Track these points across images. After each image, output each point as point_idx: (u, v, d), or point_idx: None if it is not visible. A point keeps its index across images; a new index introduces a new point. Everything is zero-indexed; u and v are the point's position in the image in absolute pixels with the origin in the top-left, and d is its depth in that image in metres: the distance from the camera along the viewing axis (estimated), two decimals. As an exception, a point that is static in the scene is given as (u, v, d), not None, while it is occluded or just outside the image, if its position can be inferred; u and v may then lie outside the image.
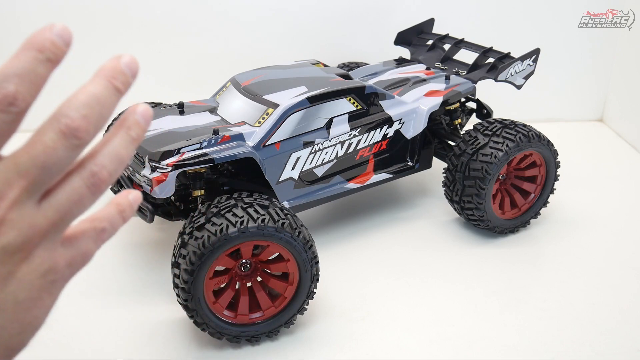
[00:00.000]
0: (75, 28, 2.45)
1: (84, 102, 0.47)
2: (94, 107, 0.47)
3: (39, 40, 0.47)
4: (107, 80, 0.48)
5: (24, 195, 0.46)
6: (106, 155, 0.50)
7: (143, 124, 0.51)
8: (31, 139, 0.47)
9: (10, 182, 0.46)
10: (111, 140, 0.50)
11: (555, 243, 1.97)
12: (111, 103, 0.48)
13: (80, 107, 0.47)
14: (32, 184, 0.46)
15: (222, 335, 1.47)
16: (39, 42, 0.47)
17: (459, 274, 1.80)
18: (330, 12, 2.67)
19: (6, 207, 0.46)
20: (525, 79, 2.17)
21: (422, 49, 2.41)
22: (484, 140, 1.84)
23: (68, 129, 0.46)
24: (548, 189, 1.98)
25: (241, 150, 1.62)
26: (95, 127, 0.47)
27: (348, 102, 1.82)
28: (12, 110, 0.46)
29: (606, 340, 1.54)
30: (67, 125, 0.46)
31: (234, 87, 1.87)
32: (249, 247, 1.42)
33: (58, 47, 0.48)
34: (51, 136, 0.46)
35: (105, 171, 0.49)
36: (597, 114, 3.02)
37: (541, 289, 1.75)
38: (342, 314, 1.62)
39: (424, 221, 2.07)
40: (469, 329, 1.57)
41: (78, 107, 0.47)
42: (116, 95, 0.49)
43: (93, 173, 0.49)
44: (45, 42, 0.47)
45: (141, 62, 1.81)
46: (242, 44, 2.68)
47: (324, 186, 1.84)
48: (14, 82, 0.46)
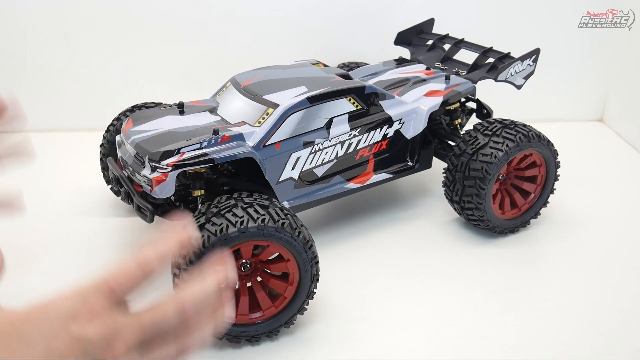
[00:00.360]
0: (75, 28, 2.45)
1: (200, 296, 0.61)
2: (204, 302, 0.62)
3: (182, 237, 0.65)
4: (217, 280, 0.63)
5: (135, 342, 0.57)
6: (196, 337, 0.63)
7: (227, 321, 0.66)
8: (155, 304, 0.61)
9: (131, 328, 0.57)
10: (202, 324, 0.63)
11: (555, 243, 1.97)
12: (214, 300, 0.63)
13: (196, 299, 0.61)
14: (144, 336, 0.58)
15: (222, 335, 1.47)
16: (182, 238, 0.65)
17: (459, 274, 1.80)
18: (330, 12, 2.67)
19: (123, 347, 0.57)
20: (525, 79, 2.17)
21: (422, 49, 2.41)
22: (484, 140, 1.84)
23: (183, 309, 0.60)
24: (548, 189, 1.98)
25: (241, 150, 1.62)
26: (200, 315, 0.62)
27: (348, 102, 1.82)
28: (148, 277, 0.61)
29: (606, 340, 1.54)
30: (184, 309, 0.60)
31: (234, 87, 1.87)
32: (249, 247, 1.42)
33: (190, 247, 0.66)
34: (170, 307, 0.60)
35: (192, 346, 0.62)
36: (597, 114, 3.02)
37: (541, 289, 1.75)
38: (342, 314, 1.62)
39: (424, 221, 2.07)
40: (469, 329, 1.57)
41: (194, 299, 0.61)
42: (219, 294, 0.63)
43: (184, 346, 0.62)
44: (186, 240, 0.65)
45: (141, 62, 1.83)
46: (242, 44, 2.68)
47: (324, 186, 1.84)
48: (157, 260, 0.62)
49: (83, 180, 2.26)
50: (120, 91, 2.69)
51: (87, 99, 2.72)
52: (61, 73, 2.67)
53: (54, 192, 2.16)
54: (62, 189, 2.20)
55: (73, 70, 2.68)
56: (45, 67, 2.65)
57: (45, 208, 2.08)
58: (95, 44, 2.64)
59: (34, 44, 2.60)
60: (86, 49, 2.65)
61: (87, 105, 2.73)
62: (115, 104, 2.32)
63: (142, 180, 1.61)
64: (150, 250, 0.62)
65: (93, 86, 2.70)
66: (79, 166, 2.37)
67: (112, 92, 2.70)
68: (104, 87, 2.71)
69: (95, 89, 2.71)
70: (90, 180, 2.22)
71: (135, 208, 1.67)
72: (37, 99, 2.68)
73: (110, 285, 0.59)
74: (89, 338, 0.55)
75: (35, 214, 2.01)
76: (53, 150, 2.57)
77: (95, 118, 2.62)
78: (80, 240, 1.91)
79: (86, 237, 1.93)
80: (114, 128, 1.98)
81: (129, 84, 2.70)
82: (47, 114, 2.70)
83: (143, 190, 1.66)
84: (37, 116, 2.65)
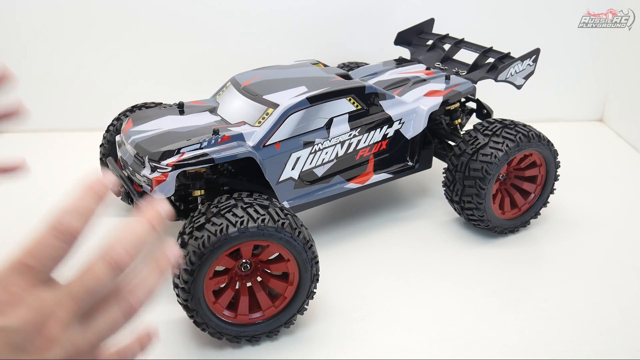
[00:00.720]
0: (76, 28, 2.45)
1: (130, 242, 0.57)
2: (136, 246, 0.57)
3: (90, 182, 0.58)
4: (148, 222, 0.58)
5: (72, 317, 0.54)
6: (140, 289, 0.59)
7: (172, 261, 0.62)
8: (83, 269, 0.56)
9: (62, 304, 0.53)
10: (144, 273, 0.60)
11: (555, 243, 1.97)
12: (149, 241, 0.59)
13: (126, 245, 0.56)
14: (80, 307, 0.54)
15: (222, 335, 1.47)
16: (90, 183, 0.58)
17: (459, 274, 1.80)
18: (330, 12, 2.67)
19: (58, 326, 0.53)
20: (525, 79, 2.17)
21: (422, 49, 2.41)
22: (484, 140, 1.84)
23: (115, 262, 0.55)
24: (548, 189, 1.98)
25: (241, 150, 1.62)
26: (134, 259, 0.58)
27: (348, 102, 1.82)
28: (69, 240, 0.56)
29: (606, 340, 1.54)
30: (114, 259, 0.55)
31: (234, 87, 1.87)
32: (249, 247, 1.42)
33: (105, 186, 0.58)
34: (100, 267, 0.55)
35: (139, 303, 0.59)
36: (597, 114, 3.02)
37: (541, 289, 1.75)
38: (342, 314, 1.62)
39: (424, 221, 2.07)
40: (469, 329, 1.57)
41: (124, 246, 0.56)
42: (153, 234, 0.59)
43: (130, 305, 0.58)
44: (95, 183, 0.58)
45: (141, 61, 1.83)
46: (242, 44, 2.68)
47: (324, 186, 1.84)
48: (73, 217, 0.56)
49: (83, 180, 2.26)
50: (120, 91, 2.69)
51: (87, 99, 2.72)
52: (61, 73, 2.67)
53: (53, 192, 2.15)
54: (62, 189, 2.20)
55: (73, 70, 2.68)
56: (45, 67, 2.65)
57: (45, 208, 2.07)
58: (95, 43, 2.64)
59: (34, 44, 2.60)
60: (86, 49, 2.65)
61: (87, 105, 2.73)
62: (115, 104, 2.32)
63: (142, 180, 1.61)
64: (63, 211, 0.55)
65: (93, 86, 2.70)
66: (79, 166, 2.37)
67: (112, 92, 2.70)
68: (104, 87, 2.71)
69: (95, 89, 2.71)
70: (90, 180, 2.22)
71: (135, 208, 1.67)
72: (37, 99, 2.68)
73: (26, 263, 0.53)
74: (12, 327, 0.51)
75: (35, 214, 2.00)
76: (53, 150, 2.57)
77: (95, 118, 2.62)
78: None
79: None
80: (114, 128, 1.98)
81: (129, 84, 2.70)
82: (47, 114, 2.70)
83: (143, 190, 1.66)
84: (37, 116, 2.65)
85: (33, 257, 0.54)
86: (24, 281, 0.53)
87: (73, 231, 0.55)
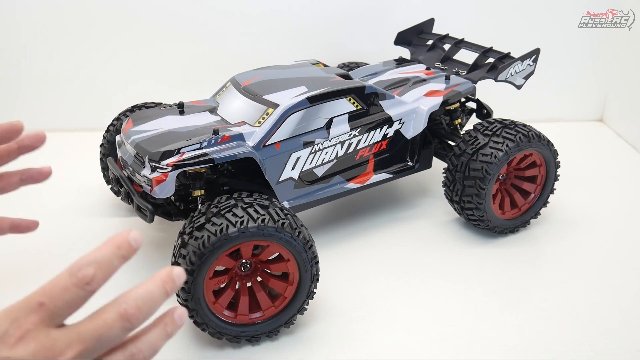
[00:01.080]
0: (76, 28, 2.45)
1: (141, 296, 0.60)
2: (147, 302, 0.60)
3: (119, 240, 0.61)
4: (162, 284, 0.61)
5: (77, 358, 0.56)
6: (145, 343, 0.61)
7: (179, 323, 0.64)
8: (95, 313, 0.58)
9: (71, 345, 0.55)
10: (151, 330, 0.62)
11: (555, 243, 1.97)
12: (160, 301, 0.61)
13: (138, 299, 0.59)
14: (87, 351, 0.56)
15: (222, 335, 1.47)
16: (118, 241, 0.61)
17: (459, 274, 1.80)
18: (330, 12, 2.67)
19: None
20: (525, 79, 2.17)
21: (422, 49, 2.41)
22: (484, 140, 1.84)
23: (125, 312, 0.58)
24: (548, 189, 1.98)
25: (241, 150, 1.62)
26: (145, 317, 0.60)
27: (348, 102, 1.82)
28: (87, 289, 0.57)
29: (606, 340, 1.54)
30: (125, 310, 0.58)
31: (234, 87, 1.87)
32: (249, 247, 1.42)
33: (132, 248, 0.62)
34: (111, 316, 0.57)
35: (142, 355, 0.61)
36: (597, 114, 3.02)
37: (541, 289, 1.75)
38: (342, 314, 1.62)
39: (424, 221, 2.07)
40: (469, 329, 1.57)
41: (136, 299, 0.59)
42: (165, 296, 0.62)
43: (133, 354, 0.60)
44: (123, 242, 0.61)
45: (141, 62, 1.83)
46: (242, 44, 2.68)
47: (324, 186, 1.84)
48: (94, 267, 0.58)
49: (83, 180, 2.26)
50: (120, 91, 2.69)
51: (87, 99, 2.72)
52: (61, 73, 2.67)
53: (53, 192, 2.15)
54: (62, 189, 2.20)
55: (73, 70, 2.68)
56: (46, 67, 2.65)
57: (45, 208, 2.08)
58: (95, 44, 2.64)
59: (34, 44, 2.60)
60: (86, 49, 2.65)
61: (87, 105, 2.73)
62: (115, 104, 2.32)
63: (142, 180, 1.61)
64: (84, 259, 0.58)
65: (93, 86, 2.70)
66: (79, 166, 2.37)
67: (112, 92, 2.71)
68: (104, 87, 2.71)
69: (95, 89, 2.71)
70: (90, 180, 2.22)
71: (135, 208, 1.67)
72: (37, 99, 2.68)
73: (41, 301, 0.56)
74: (19, 359, 0.53)
75: (35, 214, 2.00)
76: (53, 150, 2.56)
77: (95, 118, 2.62)
78: (80, 240, 1.91)
79: (86, 237, 1.93)
80: (114, 128, 1.98)
81: (129, 84, 2.70)
82: (47, 114, 2.70)
83: (143, 190, 1.66)
84: (37, 116, 2.65)
85: (49, 298, 0.56)
86: (37, 319, 0.55)
87: (93, 282, 0.58)
